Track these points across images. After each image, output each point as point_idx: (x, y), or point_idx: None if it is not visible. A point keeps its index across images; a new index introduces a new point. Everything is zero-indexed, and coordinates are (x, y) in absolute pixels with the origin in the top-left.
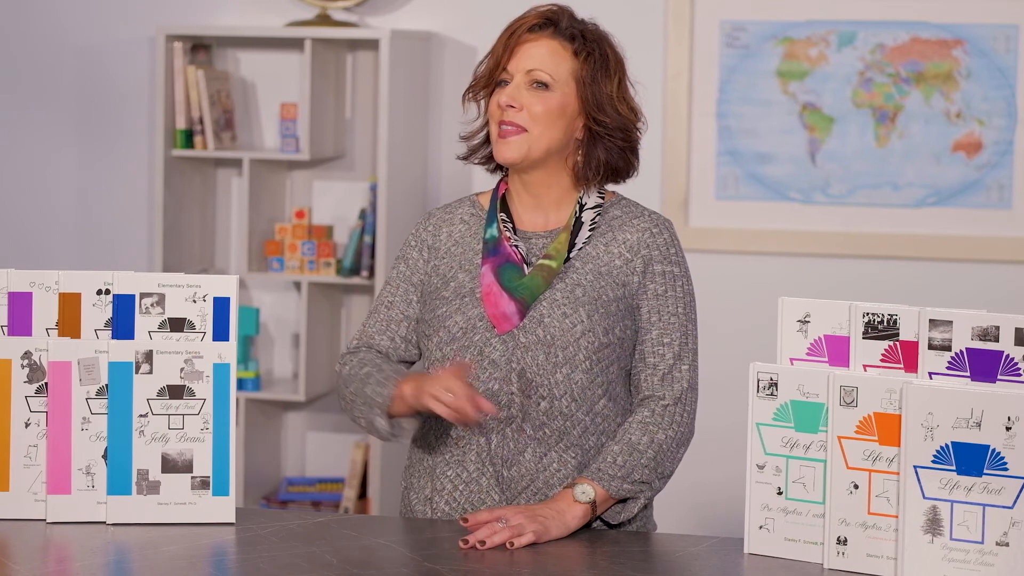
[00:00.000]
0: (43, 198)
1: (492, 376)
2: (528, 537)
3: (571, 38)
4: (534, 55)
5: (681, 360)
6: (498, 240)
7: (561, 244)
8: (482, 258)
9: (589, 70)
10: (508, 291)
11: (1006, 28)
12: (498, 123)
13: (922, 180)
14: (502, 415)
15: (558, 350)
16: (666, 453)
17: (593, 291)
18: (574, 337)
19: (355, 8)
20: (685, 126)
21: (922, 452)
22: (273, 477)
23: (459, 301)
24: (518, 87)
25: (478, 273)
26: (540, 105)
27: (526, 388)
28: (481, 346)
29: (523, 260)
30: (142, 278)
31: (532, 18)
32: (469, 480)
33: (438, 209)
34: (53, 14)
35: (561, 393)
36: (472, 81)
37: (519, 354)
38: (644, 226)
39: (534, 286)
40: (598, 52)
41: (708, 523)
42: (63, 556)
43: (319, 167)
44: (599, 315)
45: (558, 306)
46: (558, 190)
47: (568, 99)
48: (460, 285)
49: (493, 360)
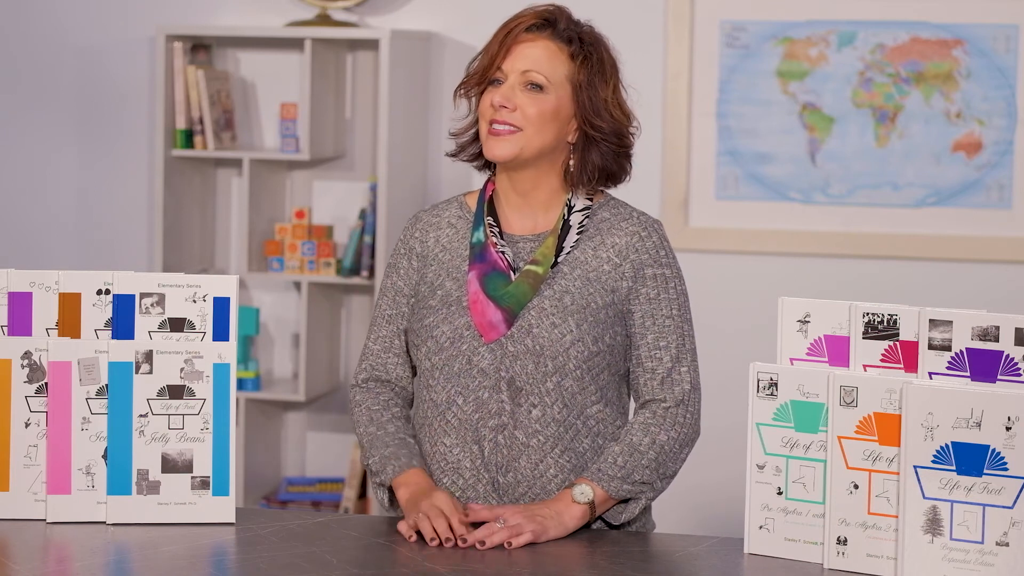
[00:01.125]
0: (43, 198)
1: (481, 384)
2: (526, 537)
3: (568, 40)
4: (530, 56)
5: (680, 362)
6: (484, 245)
7: (548, 249)
8: (468, 264)
9: (586, 74)
10: (494, 300)
11: (1006, 28)
12: (489, 121)
13: (922, 180)
14: (492, 423)
15: (547, 360)
16: (668, 454)
17: (582, 299)
18: (563, 347)
19: (355, 8)
20: (685, 126)
21: (922, 452)
22: (273, 477)
23: (446, 310)
24: (512, 87)
25: (465, 280)
26: (534, 107)
27: (516, 396)
28: (469, 355)
29: (509, 267)
30: (142, 278)
31: (529, 18)
32: (465, 487)
33: (425, 212)
34: (53, 14)
35: (552, 400)
36: (465, 77)
37: (508, 363)
38: (633, 229)
39: (520, 294)
40: (595, 56)
41: (708, 523)
42: (63, 556)
43: (319, 167)
44: (588, 324)
45: (547, 315)
46: (547, 191)
47: (563, 102)
48: (447, 293)
49: (482, 369)
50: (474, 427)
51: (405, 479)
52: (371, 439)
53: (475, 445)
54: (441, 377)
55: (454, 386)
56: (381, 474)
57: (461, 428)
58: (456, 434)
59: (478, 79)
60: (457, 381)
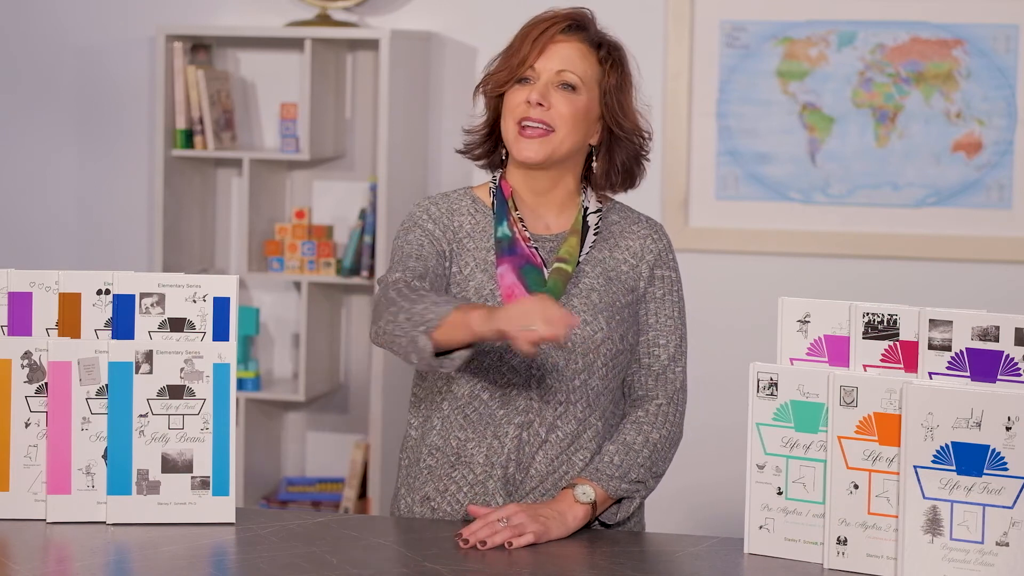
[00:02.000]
0: (43, 198)
1: (511, 381)
2: (528, 537)
3: (598, 45)
4: (564, 55)
5: (675, 361)
6: (513, 240)
7: (572, 247)
8: (497, 258)
9: (615, 77)
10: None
11: (1006, 28)
12: (519, 120)
13: (922, 180)
14: (517, 420)
15: (579, 357)
16: (660, 452)
17: (608, 296)
18: (594, 344)
19: (355, 8)
20: (685, 126)
21: (922, 452)
22: (273, 477)
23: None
24: (546, 85)
25: (494, 273)
26: (568, 106)
27: (544, 393)
28: (501, 351)
29: (543, 263)
30: (142, 278)
31: (563, 19)
32: (475, 482)
33: (438, 196)
34: (53, 14)
35: (577, 398)
36: (490, 72)
37: (539, 360)
38: (644, 232)
39: (556, 290)
40: (620, 62)
41: (708, 523)
42: (63, 556)
43: (319, 167)
44: (615, 322)
45: (578, 313)
46: (563, 193)
47: (592, 103)
48: (480, 286)
49: (513, 366)
50: (497, 422)
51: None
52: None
53: (495, 440)
54: (467, 371)
55: (480, 381)
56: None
57: (481, 422)
58: (474, 428)
59: (508, 75)
60: (485, 376)
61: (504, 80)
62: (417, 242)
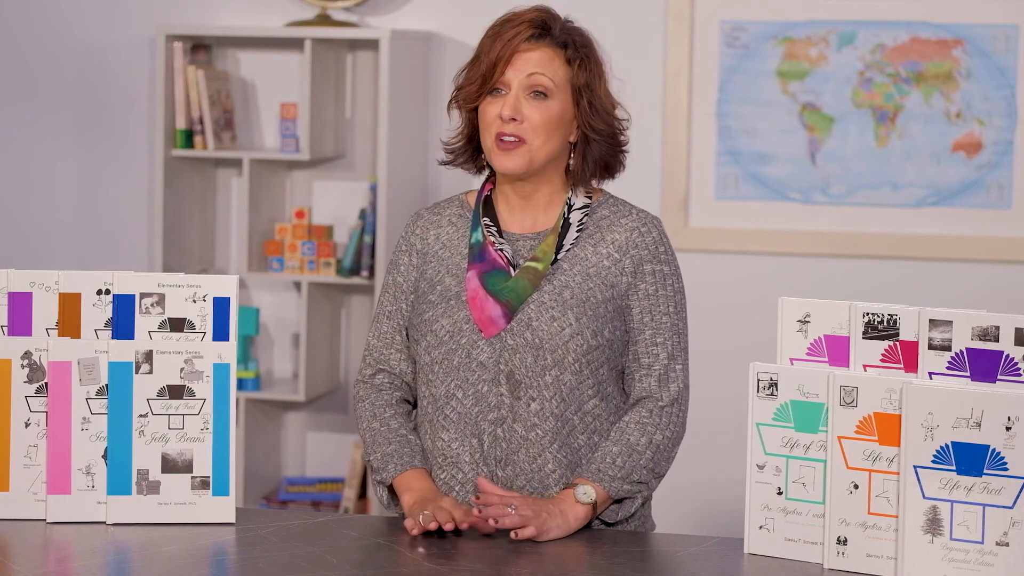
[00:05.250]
0: (43, 198)
1: (481, 378)
2: (530, 531)
3: (564, 45)
4: (532, 62)
5: (675, 360)
6: (483, 245)
7: (548, 246)
8: (468, 263)
9: (584, 76)
10: (493, 295)
11: (1006, 28)
12: (496, 134)
13: (922, 180)
14: (491, 417)
15: (547, 353)
16: (662, 453)
17: (582, 293)
18: (563, 340)
19: (355, 8)
20: (685, 126)
21: (922, 452)
22: (273, 477)
23: (445, 304)
24: (517, 98)
25: (464, 277)
26: (540, 115)
27: (515, 390)
28: (468, 348)
29: (509, 264)
30: (142, 278)
31: (526, 27)
32: (465, 481)
33: (427, 210)
34: (54, 14)
35: (551, 394)
36: (460, 87)
37: (507, 356)
38: (632, 225)
39: (519, 288)
40: (590, 57)
41: (708, 523)
42: (63, 556)
43: (319, 167)
44: (587, 317)
45: (546, 309)
46: (548, 192)
47: (565, 106)
48: (446, 288)
49: (481, 362)
50: (473, 421)
51: (408, 482)
52: (373, 435)
53: (474, 439)
54: (440, 371)
55: (453, 380)
56: (382, 471)
57: (460, 422)
58: (455, 428)
59: (478, 89)
60: (456, 375)
61: (475, 94)
62: (392, 295)
